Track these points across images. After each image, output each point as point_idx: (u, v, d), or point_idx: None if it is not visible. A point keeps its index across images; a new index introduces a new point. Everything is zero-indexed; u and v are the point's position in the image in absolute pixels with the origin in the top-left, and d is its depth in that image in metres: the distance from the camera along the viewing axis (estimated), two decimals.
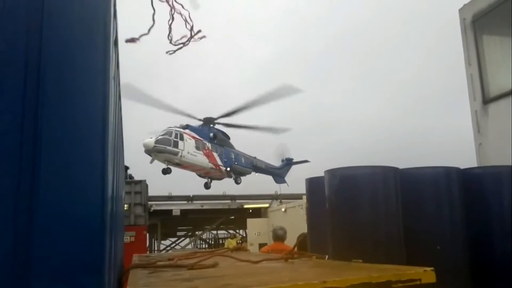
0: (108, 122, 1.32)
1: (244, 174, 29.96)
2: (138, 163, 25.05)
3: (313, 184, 5.10)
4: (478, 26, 8.46)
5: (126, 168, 22.06)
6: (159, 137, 24.02)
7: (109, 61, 1.37)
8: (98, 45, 1.31)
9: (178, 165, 25.36)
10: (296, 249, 3.93)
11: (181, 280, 2.44)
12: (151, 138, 23.84)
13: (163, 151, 23.60)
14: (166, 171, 24.74)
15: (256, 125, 30.39)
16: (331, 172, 4.06)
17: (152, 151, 23.31)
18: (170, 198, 25.02)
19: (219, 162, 28.31)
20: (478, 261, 4.16)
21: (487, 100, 8.12)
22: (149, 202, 20.28)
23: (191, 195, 25.63)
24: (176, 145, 24.48)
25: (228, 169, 28.77)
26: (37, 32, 1.19)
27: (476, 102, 8.33)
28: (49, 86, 1.17)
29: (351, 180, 3.93)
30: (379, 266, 2.51)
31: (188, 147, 25.33)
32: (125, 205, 15.52)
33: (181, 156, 24.77)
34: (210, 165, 27.47)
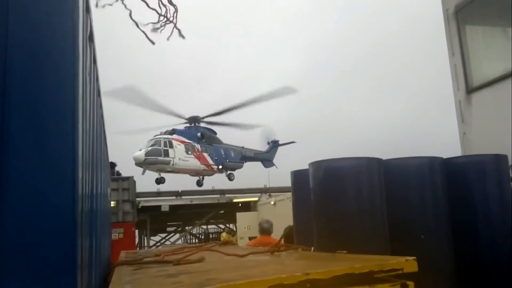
0: (77, 119, 1.30)
1: (235, 169, 30.03)
2: (126, 159, 24.98)
3: (298, 176, 5.11)
4: (461, 16, 8.51)
5: (114, 165, 21.92)
6: (149, 149, 23.86)
7: (79, 57, 1.35)
8: (67, 41, 1.29)
9: (170, 172, 25.31)
10: (282, 241, 3.94)
11: (166, 276, 2.43)
12: (140, 150, 23.69)
13: (155, 162, 23.50)
14: (160, 181, 24.75)
15: (243, 123, 30.55)
16: (316, 164, 4.06)
17: (144, 164, 23.21)
18: (158, 194, 24.87)
19: (211, 162, 28.26)
20: (462, 249, 4.21)
21: (470, 90, 8.18)
22: (138, 199, 20.15)
23: (180, 191, 25.51)
24: (166, 154, 24.37)
25: (220, 167, 28.78)
26: (2, 28, 1.16)
27: (460, 92, 8.39)
28: (15, 83, 1.15)
29: (335, 171, 3.94)
30: (362, 257, 2.53)
31: (178, 154, 25.25)
32: (112, 202, 15.42)
33: (173, 164, 24.71)
34: (203, 166, 27.46)
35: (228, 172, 29.57)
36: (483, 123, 7.78)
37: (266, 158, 33.90)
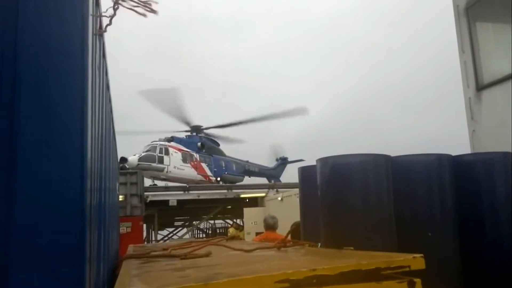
0: (86, 112, 1.31)
1: (235, 182, 29.62)
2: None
3: (305, 172, 5.11)
4: (472, 13, 8.43)
5: (124, 160, 22.00)
6: (143, 154, 23.75)
7: (87, 51, 1.35)
8: (75, 35, 1.29)
9: (165, 180, 25.12)
10: (289, 237, 3.94)
11: (173, 269, 2.44)
12: (134, 155, 23.60)
13: (148, 168, 23.25)
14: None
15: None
16: (323, 161, 4.05)
17: (136, 169, 23.10)
18: (166, 188, 24.92)
19: (209, 173, 28.01)
20: (469, 247, 4.18)
21: (480, 87, 8.12)
22: (146, 193, 20.23)
23: (187, 185, 25.57)
24: (161, 160, 24.18)
25: (219, 179, 28.50)
26: (12, 23, 1.17)
27: (470, 89, 8.33)
28: (24, 76, 1.16)
29: (343, 168, 3.92)
30: (369, 253, 2.52)
31: (174, 162, 25.04)
32: (121, 196, 15.51)
33: (167, 171, 24.53)
34: (199, 177, 27.18)
35: (227, 185, 29.30)
36: (493, 120, 7.72)
37: (272, 175, 33.47)
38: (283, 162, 35.04)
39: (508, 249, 4.15)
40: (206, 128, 29.19)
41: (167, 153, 24.90)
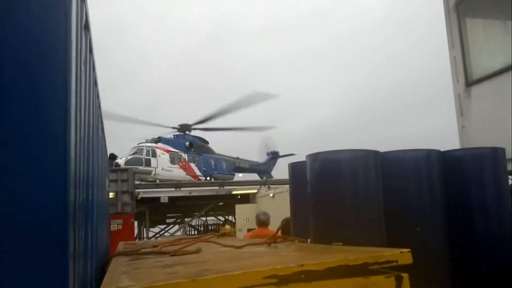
0: (70, 107, 1.29)
1: (225, 180, 29.47)
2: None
3: (295, 168, 5.10)
4: (462, 9, 8.48)
5: (113, 156, 21.86)
6: (129, 157, 23.45)
7: (71, 46, 1.33)
8: (59, 30, 1.27)
9: (153, 182, 24.90)
10: (279, 233, 3.95)
11: (162, 266, 2.44)
12: (121, 158, 23.36)
13: (135, 172, 22.96)
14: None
15: (238, 126, 30.29)
16: (313, 156, 4.06)
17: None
18: (157, 185, 24.80)
19: (198, 173, 27.72)
20: (458, 242, 4.22)
21: (470, 83, 8.17)
22: (137, 190, 20.13)
23: (179, 182, 25.47)
24: (148, 163, 23.88)
25: (208, 178, 28.24)
26: None
27: (459, 85, 8.38)
28: (6, 72, 1.14)
29: (332, 163, 3.93)
30: (357, 249, 2.53)
31: (162, 163, 24.73)
32: (111, 193, 15.44)
33: (155, 174, 24.25)
34: (188, 177, 26.82)
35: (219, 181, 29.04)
36: (482, 116, 7.77)
37: (263, 170, 33.18)
38: (274, 156, 34.79)
39: (497, 244, 4.19)
40: (194, 128, 28.94)
41: (154, 155, 24.66)
